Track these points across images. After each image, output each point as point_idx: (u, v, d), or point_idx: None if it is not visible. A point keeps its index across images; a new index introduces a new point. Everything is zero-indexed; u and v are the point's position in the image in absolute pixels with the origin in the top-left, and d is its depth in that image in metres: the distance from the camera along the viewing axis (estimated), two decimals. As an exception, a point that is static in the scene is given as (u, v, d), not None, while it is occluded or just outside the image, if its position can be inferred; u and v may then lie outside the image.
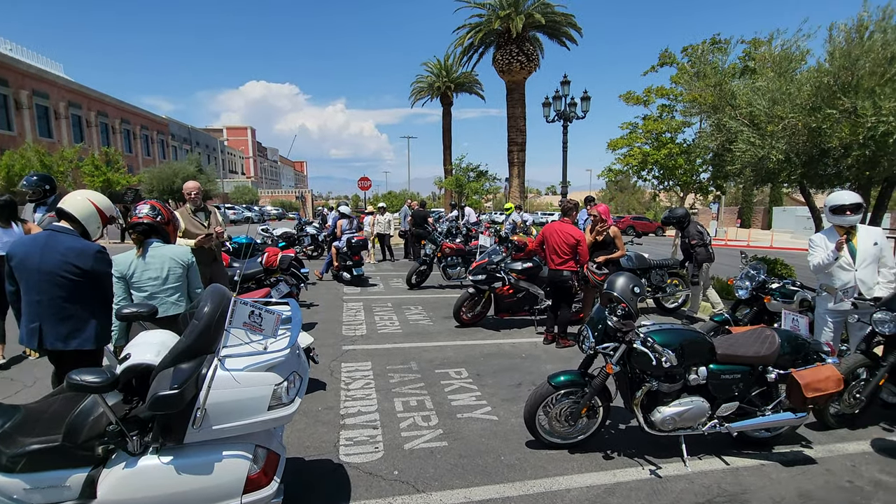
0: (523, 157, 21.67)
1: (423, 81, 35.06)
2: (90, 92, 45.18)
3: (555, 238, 5.86)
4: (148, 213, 3.19)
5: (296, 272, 7.42)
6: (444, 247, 9.68)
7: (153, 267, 3.14)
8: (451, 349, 5.86)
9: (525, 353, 5.77)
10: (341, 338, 6.23)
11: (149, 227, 3.18)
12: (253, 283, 6.31)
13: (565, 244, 5.79)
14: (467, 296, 6.74)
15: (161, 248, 3.20)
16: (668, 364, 2.96)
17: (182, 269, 3.26)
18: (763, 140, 6.26)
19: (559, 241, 5.82)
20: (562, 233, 5.84)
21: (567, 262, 5.83)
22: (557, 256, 5.83)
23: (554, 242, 5.85)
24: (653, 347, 3.01)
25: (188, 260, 3.30)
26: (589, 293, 6.26)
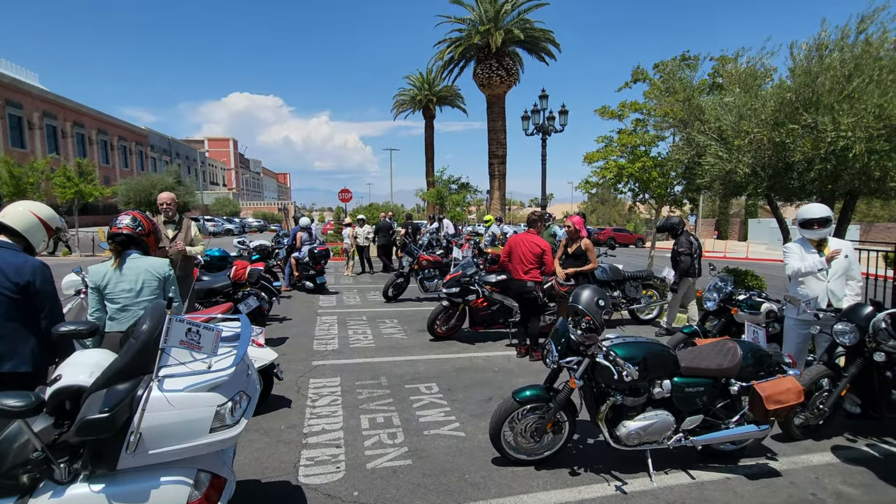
0: (504, 169, 21.85)
1: (405, 94, 35.30)
2: (66, 102, 44.33)
3: (521, 248, 5.86)
4: (128, 224, 3.12)
5: (267, 286, 7.28)
6: (420, 259, 9.62)
7: (127, 278, 3.06)
8: (424, 363, 5.77)
9: (498, 366, 5.72)
10: (311, 353, 6.09)
11: (127, 238, 3.11)
12: (221, 298, 6.16)
13: (531, 253, 5.80)
14: (441, 309, 6.68)
15: (137, 260, 3.12)
16: (629, 378, 2.94)
17: (157, 282, 3.16)
18: (730, 154, 6.39)
19: (525, 251, 5.83)
20: (527, 242, 5.85)
21: (531, 272, 5.83)
22: (523, 266, 5.83)
23: (520, 252, 5.86)
24: (615, 361, 2.98)
25: (165, 273, 3.20)
26: (563, 305, 6.24)
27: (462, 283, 6.48)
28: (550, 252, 5.92)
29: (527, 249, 5.84)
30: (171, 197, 4.75)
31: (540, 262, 5.83)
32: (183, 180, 38.56)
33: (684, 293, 6.74)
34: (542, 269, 5.84)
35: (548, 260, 5.84)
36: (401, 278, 9.80)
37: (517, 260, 5.88)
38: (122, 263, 3.07)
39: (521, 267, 5.86)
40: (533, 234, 5.99)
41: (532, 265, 5.81)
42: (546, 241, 5.97)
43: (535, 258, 5.79)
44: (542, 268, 5.83)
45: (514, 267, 5.91)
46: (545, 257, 5.80)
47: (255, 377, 2.57)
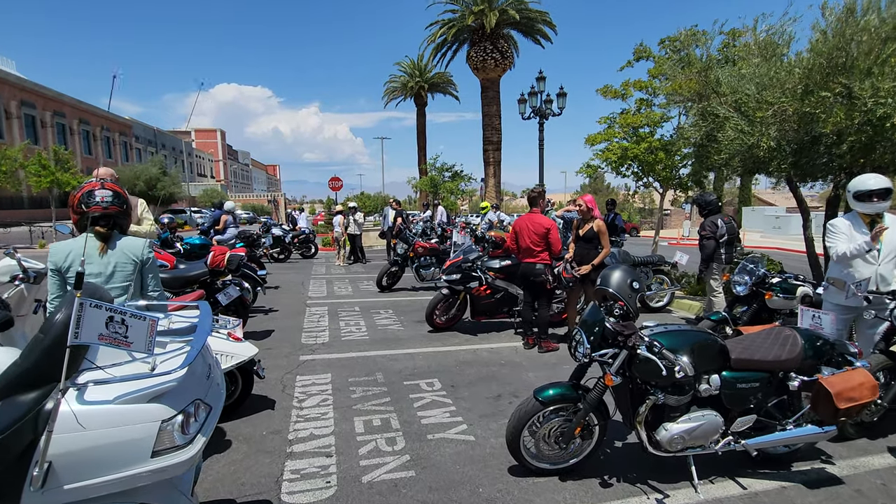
0: (499, 156, 21.28)
1: (396, 81, 34.44)
2: (45, 91, 42.87)
3: (527, 229, 5.39)
4: (112, 201, 2.52)
5: (251, 274, 6.71)
6: (416, 246, 9.08)
7: (96, 261, 2.49)
8: (423, 357, 5.25)
9: (504, 359, 5.22)
10: (299, 347, 5.55)
11: (115, 218, 2.55)
12: (199, 288, 5.58)
13: (536, 234, 5.31)
14: (441, 297, 6.16)
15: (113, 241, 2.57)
16: (681, 374, 2.44)
17: (133, 266, 2.61)
18: (753, 127, 5.90)
19: (530, 232, 5.35)
20: (531, 223, 5.37)
21: (540, 255, 5.34)
22: (531, 249, 5.35)
23: (526, 234, 5.39)
24: (661, 354, 2.48)
25: (143, 255, 2.65)
26: (573, 292, 5.76)
27: (463, 270, 5.96)
28: (556, 230, 5.41)
29: (531, 230, 5.34)
30: (109, 173, 4.06)
31: (546, 242, 5.34)
32: (168, 171, 37.63)
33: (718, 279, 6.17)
34: (551, 251, 5.35)
35: (553, 238, 5.34)
36: (395, 267, 9.26)
37: (524, 243, 5.39)
38: (111, 248, 2.53)
39: (529, 250, 5.37)
40: (536, 213, 5.48)
41: (539, 246, 5.31)
42: (550, 219, 5.46)
43: (541, 238, 5.30)
44: (550, 248, 5.33)
45: (523, 251, 5.42)
46: (550, 235, 5.30)
47: (219, 380, 2.03)
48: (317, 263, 13.65)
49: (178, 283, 5.35)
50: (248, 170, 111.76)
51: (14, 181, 16.97)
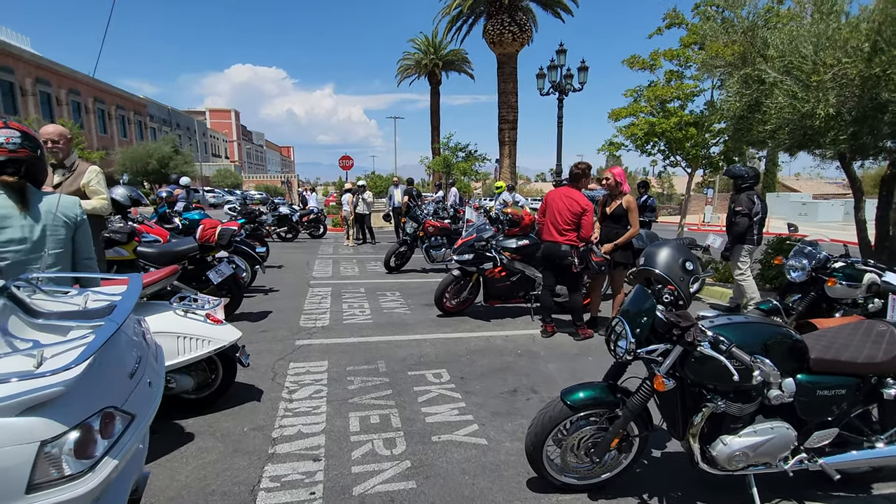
0: (515, 135, 20.49)
1: (409, 59, 33.56)
2: (60, 68, 42.78)
3: (558, 203, 4.81)
4: (23, 143, 2.03)
5: (249, 251, 6.27)
6: (427, 225, 8.55)
7: (18, 223, 2.01)
8: (431, 344, 4.77)
9: (520, 348, 4.71)
10: (296, 330, 5.11)
11: (28, 165, 2.05)
12: (189, 265, 5.15)
13: (569, 211, 4.74)
14: (452, 279, 5.65)
15: (33, 197, 2.09)
16: (760, 378, 1.91)
17: (66, 230, 2.15)
18: (807, 93, 5.21)
19: (562, 208, 4.77)
20: (567, 198, 4.79)
21: (568, 234, 4.78)
22: (558, 226, 4.79)
23: (556, 209, 4.81)
24: (730, 352, 1.95)
25: (76, 215, 2.18)
26: (598, 280, 5.20)
27: (476, 249, 5.42)
28: (592, 214, 4.84)
29: (564, 206, 4.77)
30: (58, 131, 3.36)
31: (577, 224, 4.77)
32: (181, 149, 37.50)
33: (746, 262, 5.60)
34: (580, 233, 4.78)
35: (586, 223, 4.77)
36: (404, 247, 8.76)
37: (552, 218, 4.84)
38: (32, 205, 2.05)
39: (555, 227, 4.81)
40: (574, 190, 4.89)
41: (569, 226, 4.75)
42: (589, 202, 4.87)
43: (574, 218, 4.73)
44: (580, 231, 4.77)
45: (548, 226, 4.87)
46: (585, 218, 4.73)
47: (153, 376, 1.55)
48: (325, 243, 13.23)
49: (164, 259, 4.91)
50: (263, 151, 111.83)
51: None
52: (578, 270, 4.89)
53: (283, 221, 13.37)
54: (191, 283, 5.07)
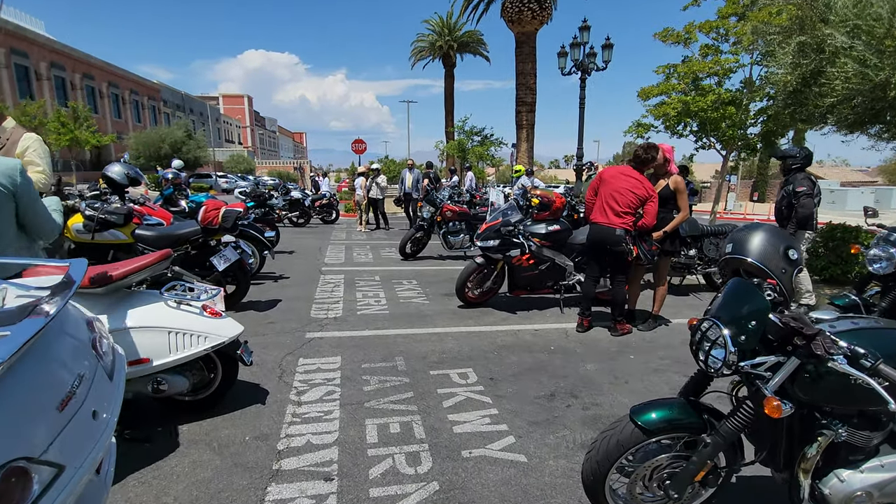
0: (533, 118, 19.77)
1: (423, 40, 32.74)
2: (74, 52, 42.75)
3: (618, 182, 4.24)
4: None
5: (257, 235, 5.88)
6: (444, 209, 8.09)
7: None
8: (453, 339, 4.34)
9: (553, 344, 4.26)
10: (307, 321, 4.71)
11: None
12: (192, 250, 4.77)
13: (632, 193, 4.18)
14: (474, 267, 5.19)
15: None
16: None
17: (6, 192, 1.75)
18: (882, 59, 4.59)
19: (623, 188, 4.21)
20: (629, 178, 4.23)
21: (625, 218, 4.24)
22: (614, 207, 4.23)
23: (615, 188, 4.24)
24: (876, 369, 1.46)
25: (18, 179, 1.79)
26: (640, 267, 4.70)
27: (503, 235, 4.95)
28: (657, 203, 4.28)
29: (625, 187, 4.21)
30: None
31: (633, 208, 4.23)
32: (193, 134, 37.30)
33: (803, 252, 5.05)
34: (638, 221, 4.26)
35: (651, 210, 4.21)
36: (420, 232, 8.31)
37: (607, 198, 4.28)
38: None
39: (611, 208, 4.26)
40: (637, 171, 4.33)
41: (628, 209, 4.21)
42: (652, 186, 4.33)
43: (636, 201, 4.19)
44: (640, 218, 4.25)
45: (602, 207, 4.33)
46: (649, 205, 4.19)
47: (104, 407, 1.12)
48: (337, 229, 12.85)
49: (164, 243, 4.52)
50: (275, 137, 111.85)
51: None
52: (631, 259, 4.40)
53: (294, 206, 13.00)
54: (193, 270, 4.69)
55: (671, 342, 4.39)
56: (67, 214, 4.42)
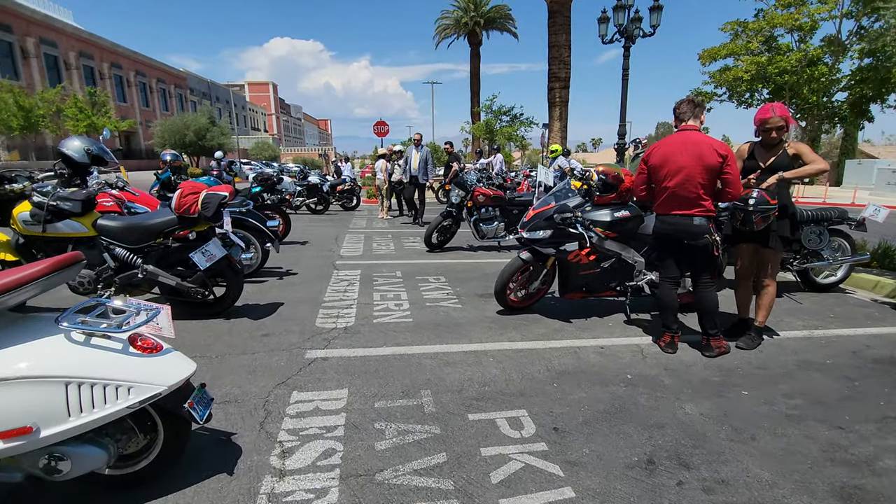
0: (567, 95, 18.30)
1: (448, 17, 31.33)
2: (102, 42, 43.00)
3: (683, 157, 3.18)
4: None
5: (257, 224, 4.98)
6: (476, 193, 7.03)
7: None
8: (496, 360, 3.32)
9: (629, 370, 3.19)
10: (311, 333, 3.77)
11: None
12: (172, 242, 3.88)
13: (702, 168, 3.13)
14: (519, 265, 4.14)
15: None
16: None
17: None
18: None
19: (691, 164, 3.15)
20: (694, 145, 3.16)
21: (703, 204, 3.19)
22: (687, 191, 3.19)
23: (681, 166, 3.18)
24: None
25: None
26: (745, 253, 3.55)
27: (557, 224, 3.87)
28: (735, 163, 3.18)
29: (693, 161, 3.15)
30: None
31: (712, 183, 3.17)
32: (217, 121, 37.01)
33: None
34: (721, 197, 3.19)
35: (731, 177, 3.14)
36: (448, 220, 7.28)
37: (676, 180, 3.22)
38: None
39: (683, 193, 3.21)
40: (699, 133, 3.26)
41: (703, 189, 3.16)
42: (724, 144, 3.22)
43: (710, 176, 3.14)
44: (727, 193, 3.17)
45: (670, 195, 3.28)
46: (728, 171, 3.11)
47: None
48: (357, 216, 11.95)
49: (133, 235, 3.65)
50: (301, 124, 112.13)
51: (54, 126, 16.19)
52: (718, 254, 3.29)
53: (312, 192, 12.15)
54: (174, 269, 3.81)
55: (788, 368, 3.27)
56: (15, 201, 3.58)
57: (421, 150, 9.85)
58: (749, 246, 3.58)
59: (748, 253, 3.62)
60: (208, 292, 3.91)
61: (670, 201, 3.30)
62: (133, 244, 3.64)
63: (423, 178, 9.82)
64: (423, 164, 9.71)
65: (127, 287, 3.77)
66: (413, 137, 10.22)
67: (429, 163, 9.75)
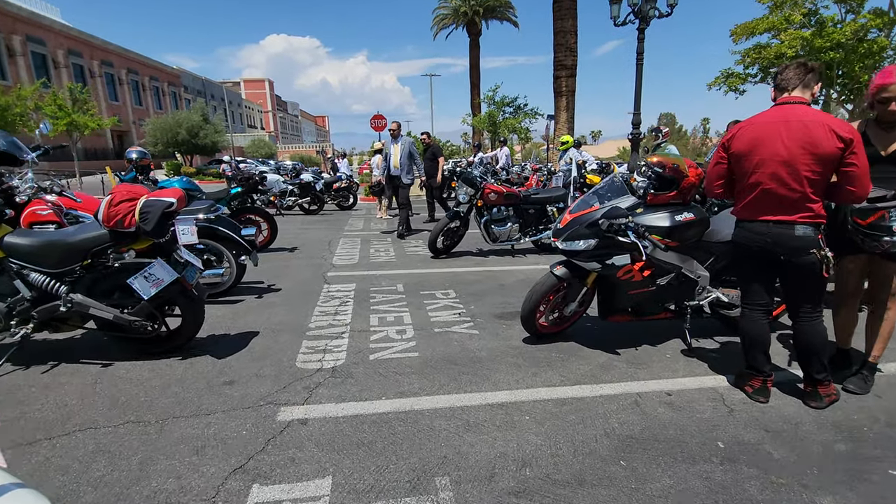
0: (573, 84, 17.38)
1: (446, 7, 30.30)
2: (92, 39, 42.00)
3: (782, 141, 2.33)
4: None
5: (230, 234, 4.14)
6: (486, 191, 6.16)
7: None
8: (533, 418, 2.47)
9: (719, 433, 2.34)
10: (288, 378, 2.91)
11: None
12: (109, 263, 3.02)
13: (810, 155, 2.27)
14: (553, 284, 3.27)
15: None
16: None
17: None
18: None
19: (794, 149, 2.31)
20: (802, 125, 2.29)
21: (812, 206, 2.34)
22: (790, 187, 2.34)
23: (775, 153, 2.35)
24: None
25: None
26: (884, 270, 2.69)
27: (603, 232, 3.01)
28: (863, 153, 2.30)
29: (797, 145, 2.30)
30: None
31: (825, 180, 2.31)
32: (210, 118, 36.01)
33: None
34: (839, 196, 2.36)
35: (858, 171, 2.27)
36: (455, 221, 6.42)
37: (769, 173, 2.37)
38: None
39: (780, 191, 2.35)
40: (810, 108, 2.39)
41: (812, 188, 2.31)
42: (846, 124, 2.36)
43: (822, 168, 2.28)
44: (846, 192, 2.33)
45: (766, 191, 2.41)
46: (851, 164, 2.25)
47: None
48: (354, 216, 11.08)
49: (53, 256, 2.78)
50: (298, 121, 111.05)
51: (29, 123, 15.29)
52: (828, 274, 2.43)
53: (305, 191, 11.29)
54: (111, 298, 2.96)
55: (929, 423, 2.42)
56: None
57: (401, 143, 7.78)
58: (858, 258, 2.73)
59: (857, 267, 2.76)
60: (158, 325, 3.06)
61: (761, 202, 2.44)
62: (53, 268, 2.79)
63: (407, 177, 7.76)
64: (407, 158, 7.70)
65: (50, 323, 2.92)
66: (390, 128, 7.89)
67: (414, 157, 7.77)
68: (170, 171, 29.88)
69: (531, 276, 5.32)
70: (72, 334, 3.44)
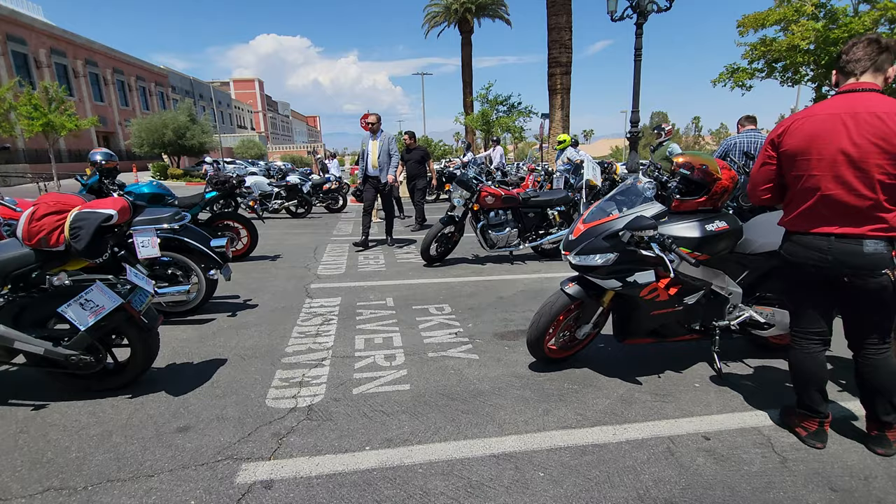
0: (568, 81, 16.99)
1: (438, 4, 29.81)
2: (75, 38, 41.06)
3: (847, 136, 1.91)
4: None
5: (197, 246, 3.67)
6: (483, 194, 5.72)
7: None
8: (548, 472, 2.03)
9: (770, 492, 1.92)
10: (254, 422, 2.45)
11: None
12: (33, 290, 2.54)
13: (881, 154, 1.85)
14: (565, 304, 2.83)
15: None
16: None
17: None
18: None
19: (865, 145, 1.88)
20: (874, 117, 1.87)
21: (879, 215, 1.92)
22: (858, 193, 1.92)
23: (837, 151, 1.93)
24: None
25: None
26: None
27: (624, 245, 2.58)
28: None
29: (868, 142, 1.87)
30: None
31: None
32: (197, 118, 35.24)
33: None
34: None
35: None
36: (450, 226, 5.97)
37: (831, 174, 1.95)
38: None
39: (847, 198, 1.94)
40: (883, 97, 1.97)
41: (884, 193, 1.88)
42: None
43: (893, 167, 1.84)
44: None
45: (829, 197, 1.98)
46: None
47: None
48: (343, 220, 10.60)
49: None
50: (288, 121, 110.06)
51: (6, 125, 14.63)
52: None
53: (292, 193, 10.79)
54: (43, 329, 2.48)
55: None
56: None
57: (380, 139, 6.78)
58: None
59: None
60: (102, 357, 2.59)
61: (821, 211, 2.02)
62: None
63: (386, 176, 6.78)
64: (387, 157, 6.74)
65: None
66: (368, 121, 6.84)
67: (392, 154, 6.76)
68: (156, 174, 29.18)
69: (532, 286, 4.89)
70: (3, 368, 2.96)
